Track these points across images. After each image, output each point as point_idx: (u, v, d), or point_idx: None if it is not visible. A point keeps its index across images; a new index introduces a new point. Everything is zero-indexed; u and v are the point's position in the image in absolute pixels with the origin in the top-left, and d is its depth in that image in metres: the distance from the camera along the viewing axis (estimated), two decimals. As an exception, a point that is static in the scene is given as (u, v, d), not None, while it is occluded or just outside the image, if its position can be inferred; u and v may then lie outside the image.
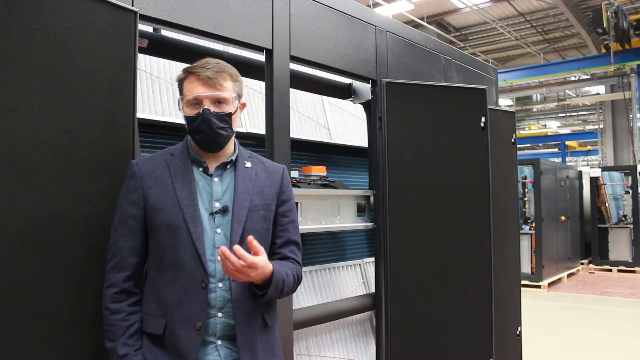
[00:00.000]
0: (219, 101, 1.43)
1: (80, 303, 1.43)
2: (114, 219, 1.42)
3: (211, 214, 1.42)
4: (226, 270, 1.29)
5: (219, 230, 1.41)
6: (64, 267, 1.41)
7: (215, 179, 1.46)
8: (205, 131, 1.41)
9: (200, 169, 1.47)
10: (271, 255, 1.50)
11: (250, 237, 1.31)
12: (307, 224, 2.54)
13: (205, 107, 1.41)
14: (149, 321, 1.39)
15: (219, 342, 1.39)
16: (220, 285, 1.39)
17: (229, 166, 1.49)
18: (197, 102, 1.42)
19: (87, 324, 1.44)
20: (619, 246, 10.01)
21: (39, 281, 1.35)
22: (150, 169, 1.43)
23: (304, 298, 2.72)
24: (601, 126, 16.19)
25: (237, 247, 1.27)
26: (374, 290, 2.80)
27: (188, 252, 1.37)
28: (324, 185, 2.79)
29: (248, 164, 1.52)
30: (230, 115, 1.45)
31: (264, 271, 1.33)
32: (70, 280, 1.42)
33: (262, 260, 1.31)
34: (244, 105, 1.53)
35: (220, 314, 1.38)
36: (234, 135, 1.51)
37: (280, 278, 1.40)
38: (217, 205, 1.43)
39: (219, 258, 1.35)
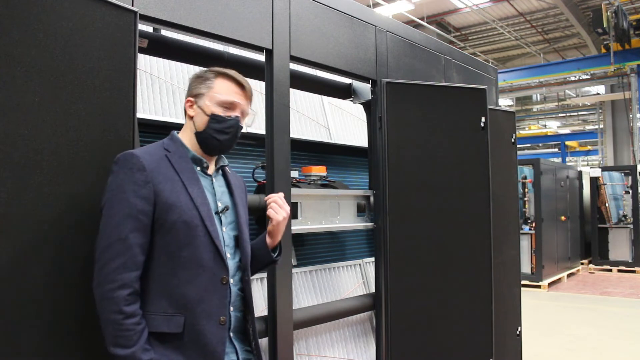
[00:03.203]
0: (243, 114, 1.51)
1: (82, 303, 1.43)
2: (115, 213, 1.31)
3: (216, 213, 1.46)
4: (281, 213, 1.53)
5: (224, 229, 1.47)
6: (65, 267, 1.41)
7: (214, 180, 1.51)
8: (229, 135, 1.47)
9: (198, 168, 1.49)
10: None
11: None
12: (307, 224, 2.54)
13: (237, 114, 1.47)
14: (159, 320, 1.33)
15: (232, 334, 1.45)
16: (231, 281, 1.45)
17: (220, 170, 1.56)
18: (230, 106, 1.47)
19: (89, 323, 1.44)
20: (619, 246, 10.01)
21: (40, 281, 1.35)
22: (155, 163, 1.38)
23: (304, 298, 2.72)
24: (601, 126, 16.18)
25: (279, 194, 1.59)
26: (374, 290, 2.80)
27: (207, 249, 1.38)
28: (324, 185, 2.79)
29: (228, 170, 1.60)
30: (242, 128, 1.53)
31: (285, 222, 1.58)
32: (71, 280, 1.42)
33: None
34: None
35: (232, 308, 1.44)
36: None
37: (282, 244, 1.65)
38: (220, 205, 1.48)
39: (228, 255, 1.45)
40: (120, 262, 1.28)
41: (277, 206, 1.54)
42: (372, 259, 2.87)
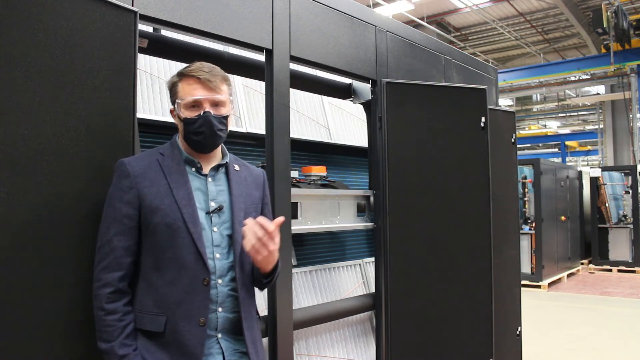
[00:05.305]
0: (216, 104, 1.47)
1: (81, 303, 1.43)
2: (105, 218, 1.40)
3: (207, 213, 1.45)
4: (247, 244, 1.36)
5: (215, 229, 1.46)
6: (64, 267, 1.41)
7: (209, 179, 1.50)
8: (205, 132, 1.44)
9: (193, 169, 1.50)
10: None
11: (278, 222, 1.40)
12: (307, 224, 2.54)
13: (206, 109, 1.45)
14: (146, 319, 1.39)
15: (219, 335, 1.44)
16: (220, 281, 1.44)
17: (221, 168, 1.53)
18: (196, 104, 1.45)
19: (88, 323, 1.44)
20: (619, 246, 10.01)
21: (39, 281, 1.35)
22: (142, 169, 1.43)
23: (304, 298, 2.72)
24: (601, 126, 16.18)
25: (261, 218, 1.38)
26: (374, 290, 2.80)
27: (189, 251, 1.39)
28: (324, 185, 2.79)
29: (237, 167, 1.57)
30: (227, 117, 1.50)
31: (276, 252, 1.43)
32: (70, 280, 1.42)
33: (277, 237, 1.40)
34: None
35: (220, 309, 1.43)
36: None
37: (279, 267, 1.54)
38: (213, 204, 1.47)
39: (217, 256, 1.44)
40: (105, 263, 1.38)
41: (260, 244, 1.36)
42: (372, 259, 2.87)
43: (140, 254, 1.43)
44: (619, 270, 9.82)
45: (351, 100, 3.11)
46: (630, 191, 9.95)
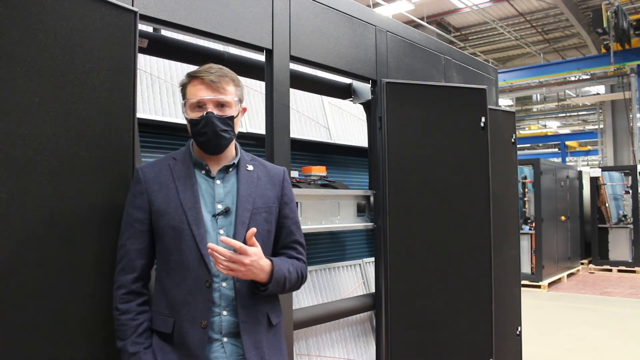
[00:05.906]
0: (221, 104, 1.47)
1: (80, 303, 1.43)
2: (122, 223, 1.46)
3: (214, 215, 1.45)
4: (219, 268, 1.34)
5: (221, 232, 1.45)
6: (65, 267, 1.41)
7: (218, 182, 1.50)
8: (208, 133, 1.45)
9: (203, 171, 1.50)
10: (277, 256, 1.55)
11: (249, 233, 1.37)
12: (307, 224, 2.54)
13: (209, 110, 1.45)
14: (159, 320, 1.43)
15: (225, 339, 1.43)
16: (224, 284, 1.43)
17: (231, 169, 1.52)
18: (200, 105, 1.46)
19: (87, 323, 1.44)
20: (619, 246, 10.01)
21: (39, 281, 1.35)
22: (154, 174, 1.47)
23: (304, 298, 2.72)
24: (601, 126, 16.18)
25: (224, 237, 1.36)
26: (374, 290, 2.80)
27: (192, 253, 1.40)
28: (324, 185, 2.79)
29: (250, 167, 1.55)
30: (232, 118, 1.48)
31: (260, 262, 1.38)
32: (70, 279, 1.42)
33: (252, 248, 1.37)
34: (244, 109, 1.57)
35: (225, 312, 1.42)
36: (235, 138, 1.54)
37: (282, 275, 1.45)
38: (220, 207, 1.47)
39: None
40: (121, 266, 1.44)
41: (231, 263, 1.33)
42: (372, 259, 2.87)
43: (155, 257, 1.48)
44: (619, 270, 9.82)
45: (351, 100, 3.12)
46: (630, 191, 9.94)
